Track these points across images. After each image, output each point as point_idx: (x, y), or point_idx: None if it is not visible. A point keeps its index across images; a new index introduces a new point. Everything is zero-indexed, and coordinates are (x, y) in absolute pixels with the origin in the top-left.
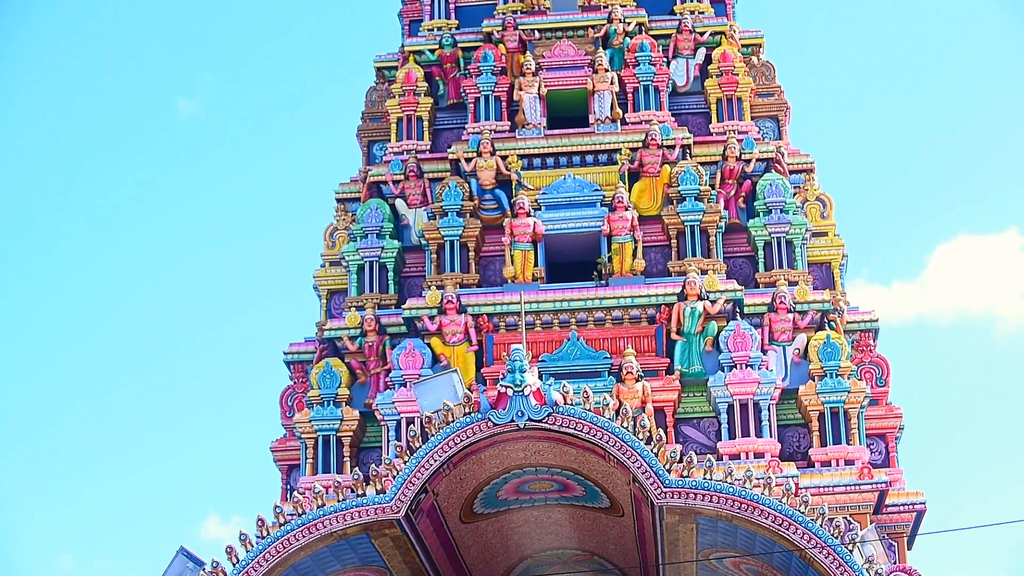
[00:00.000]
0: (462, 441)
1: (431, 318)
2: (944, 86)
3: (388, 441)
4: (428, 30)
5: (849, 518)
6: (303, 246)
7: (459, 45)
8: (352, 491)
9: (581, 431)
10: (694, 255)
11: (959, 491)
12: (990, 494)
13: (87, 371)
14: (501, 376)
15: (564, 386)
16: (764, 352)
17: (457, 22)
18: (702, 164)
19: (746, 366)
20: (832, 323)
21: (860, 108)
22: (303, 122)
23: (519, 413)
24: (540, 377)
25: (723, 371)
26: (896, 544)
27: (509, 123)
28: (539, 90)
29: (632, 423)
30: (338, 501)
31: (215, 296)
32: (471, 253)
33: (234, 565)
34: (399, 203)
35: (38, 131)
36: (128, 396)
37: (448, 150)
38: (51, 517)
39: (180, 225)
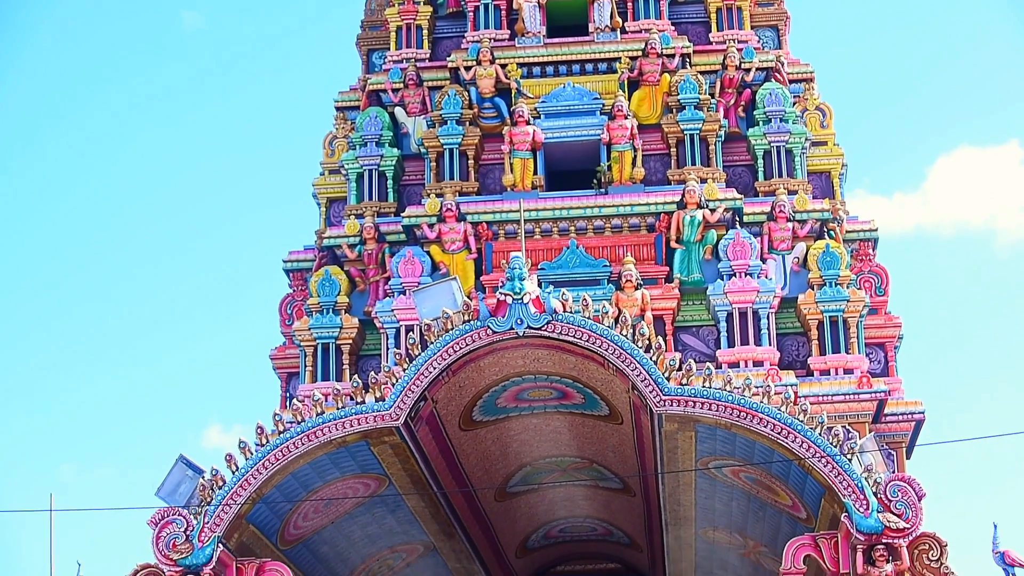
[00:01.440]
0: (461, 349)
1: (430, 226)
2: None
3: (387, 349)
4: None
5: (848, 427)
6: (302, 154)
7: None
8: (351, 399)
9: (580, 339)
10: (693, 164)
11: (958, 402)
12: (989, 405)
13: (89, 282)
14: (500, 284)
15: (563, 294)
16: (763, 261)
17: None
18: (702, 73)
19: (745, 274)
20: (831, 232)
21: (861, 18)
22: (303, 31)
23: (518, 321)
24: (539, 285)
25: (722, 279)
26: (895, 453)
27: (509, 31)
28: None
29: (631, 331)
30: (337, 409)
31: (215, 205)
32: (470, 161)
33: (233, 473)
34: (398, 111)
35: (43, 42)
36: (129, 305)
37: (447, 58)
38: (52, 427)
39: (182, 134)
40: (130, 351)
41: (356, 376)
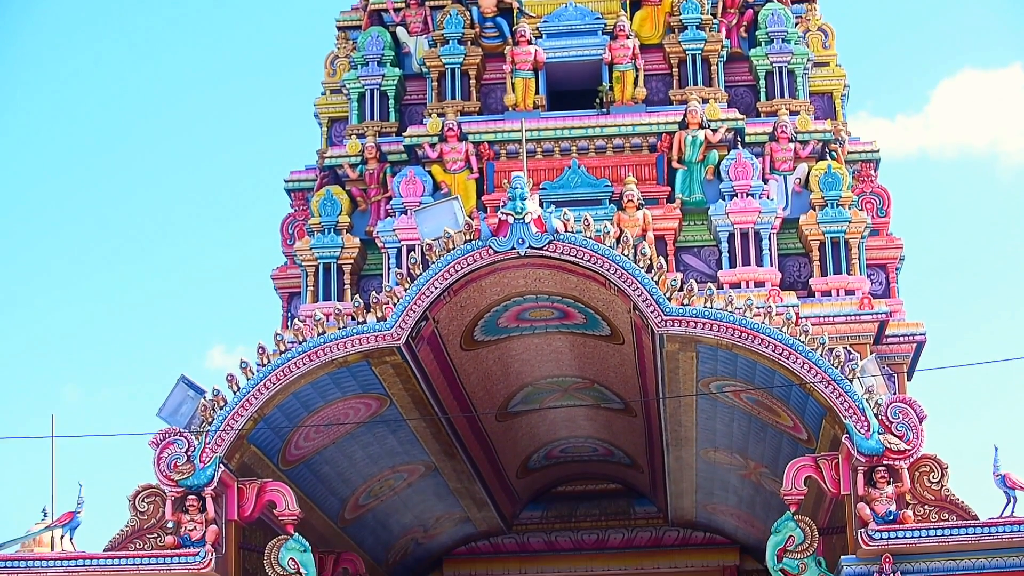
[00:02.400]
0: (463, 268)
1: (432, 146)
2: None
3: (388, 269)
4: None
5: (849, 348)
6: (304, 74)
7: None
8: (353, 318)
9: (582, 259)
10: (695, 84)
11: (959, 324)
12: (990, 328)
13: (92, 203)
14: (502, 204)
15: (565, 214)
16: (765, 181)
17: None
18: None
19: (747, 195)
20: (833, 153)
21: None
22: None
23: (520, 241)
24: (541, 205)
25: (724, 200)
26: (896, 375)
27: None
28: None
29: (633, 251)
30: (339, 329)
31: (217, 125)
32: (472, 81)
33: (235, 393)
34: (400, 31)
35: None
36: (132, 226)
37: None
38: (56, 348)
39: (185, 55)
40: (133, 272)
41: (357, 296)
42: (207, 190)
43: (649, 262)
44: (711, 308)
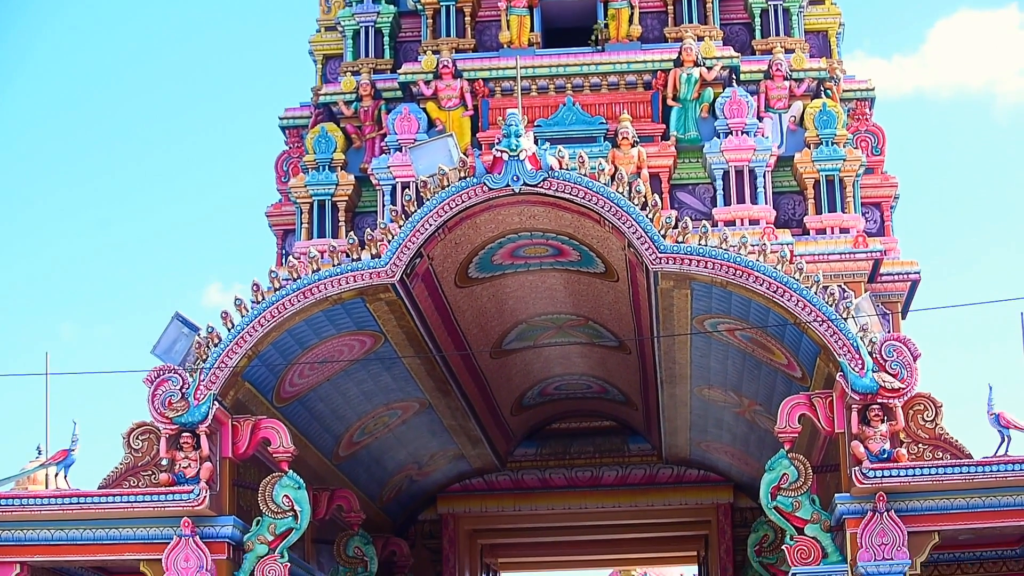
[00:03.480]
0: (457, 206)
1: (427, 83)
2: None
3: (383, 206)
4: None
5: (844, 286)
6: (299, 11)
7: None
8: (347, 255)
9: (576, 196)
10: (690, 22)
11: (954, 263)
12: (984, 267)
13: (87, 140)
14: (497, 141)
15: (560, 151)
16: (760, 119)
17: None
18: None
19: (742, 133)
20: (828, 91)
21: None
22: None
23: (515, 178)
24: (536, 142)
25: (719, 137)
26: (890, 313)
27: None
28: None
29: (627, 188)
30: (333, 266)
31: (212, 63)
32: (467, 18)
33: (229, 330)
34: None
35: None
36: (129, 163)
37: None
38: (52, 286)
39: None
40: (130, 209)
41: (352, 233)
42: (203, 128)
43: (644, 199)
44: (706, 246)
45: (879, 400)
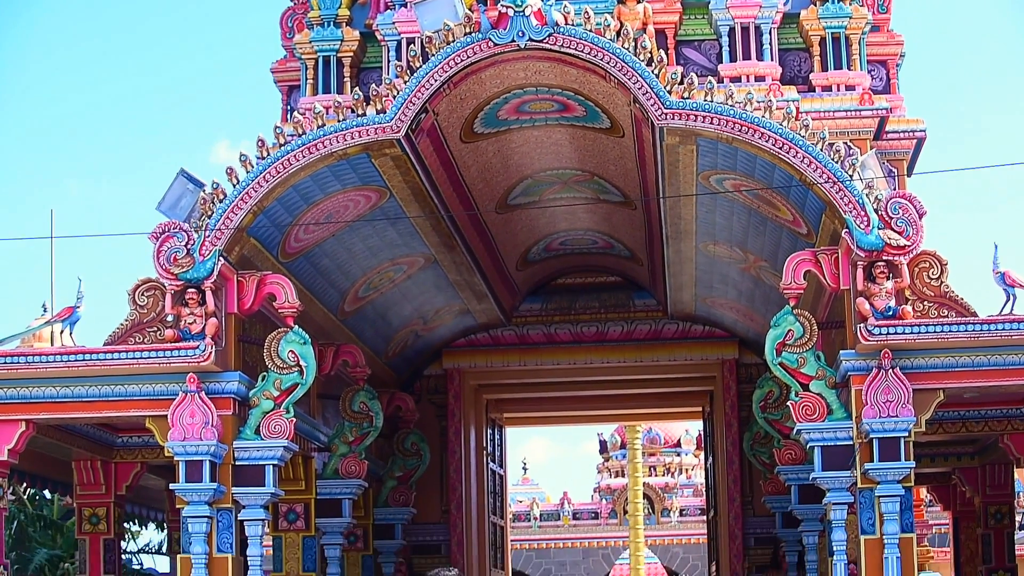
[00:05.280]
0: (462, 61)
1: None
2: None
3: (388, 62)
4: None
5: (849, 143)
6: None
7: None
8: (352, 111)
9: (582, 52)
10: None
11: (959, 122)
12: (989, 127)
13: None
14: None
15: (565, 6)
16: None
17: None
18: None
19: None
20: None
21: None
22: None
23: (520, 33)
24: None
25: None
26: (896, 171)
27: None
28: None
29: (633, 44)
30: (338, 121)
31: None
32: None
33: (234, 186)
34: None
35: None
36: (136, 21)
37: None
38: (61, 143)
39: None
40: (139, 67)
41: (357, 89)
42: None
43: (649, 55)
44: (711, 102)
45: (884, 257)
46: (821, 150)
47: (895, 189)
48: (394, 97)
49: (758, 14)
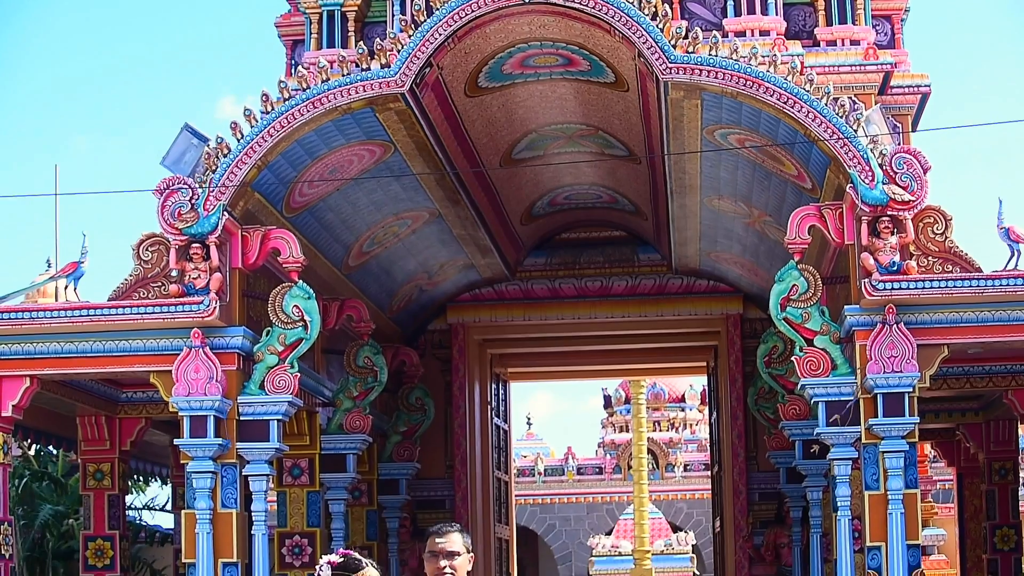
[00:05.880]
0: (467, 15)
1: None
2: None
3: (393, 16)
4: None
5: (854, 98)
6: None
7: None
8: (357, 65)
9: (586, 5)
10: None
11: (963, 78)
12: (994, 83)
13: None
14: None
15: None
16: None
17: None
18: None
19: None
20: None
21: None
22: None
23: None
24: None
25: None
26: (900, 126)
27: None
28: None
29: None
30: (342, 76)
31: None
32: None
33: (239, 140)
34: None
35: None
36: None
37: None
38: (68, 100)
39: None
40: (145, 22)
41: (361, 43)
42: None
43: (654, 9)
44: (716, 56)
45: (889, 212)
46: (826, 105)
47: (900, 144)
48: (398, 52)
49: None
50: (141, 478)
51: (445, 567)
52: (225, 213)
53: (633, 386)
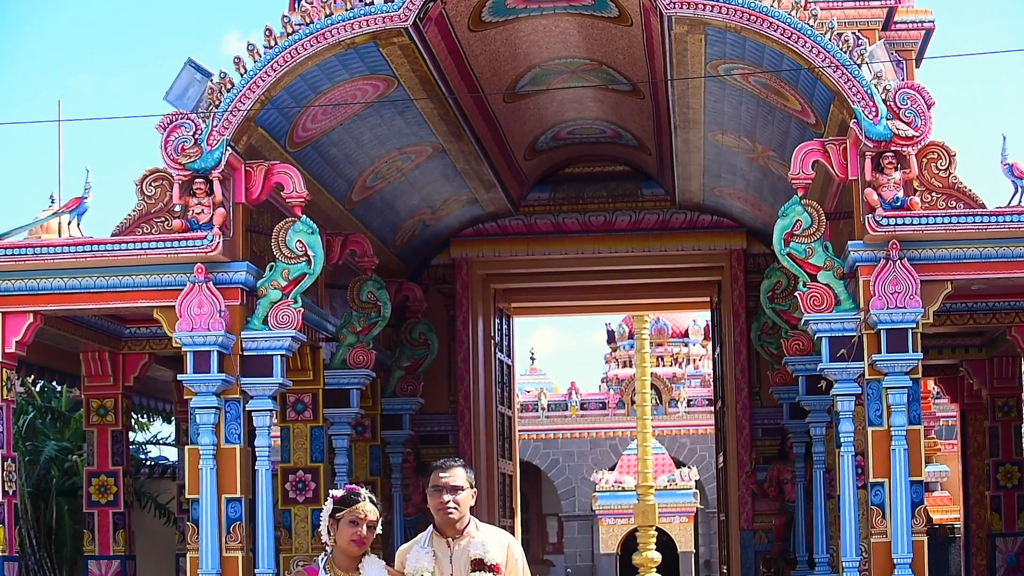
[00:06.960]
0: None
1: None
2: None
3: None
4: None
5: (857, 33)
6: None
7: None
8: (360, 0)
9: None
10: None
11: (967, 14)
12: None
13: None
14: None
15: None
16: None
17: None
18: None
19: None
20: None
21: None
22: None
23: None
24: None
25: None
26: (904, 62)
27: None
28: None
29: None
30: (346, 10)
31: None
32: None
33: (242, 75)
34: None
35: None
36: None
37: None
38: (72, 37)
39: None
40: None
41: None
42: None
43: None
44: None
45: (893, 148)
46: (829, 40)
47: (903, 80)
48: None
49: None
50: (145, 414)
51: (449, 501)
52: (228, 148)
53: (637, 321)
